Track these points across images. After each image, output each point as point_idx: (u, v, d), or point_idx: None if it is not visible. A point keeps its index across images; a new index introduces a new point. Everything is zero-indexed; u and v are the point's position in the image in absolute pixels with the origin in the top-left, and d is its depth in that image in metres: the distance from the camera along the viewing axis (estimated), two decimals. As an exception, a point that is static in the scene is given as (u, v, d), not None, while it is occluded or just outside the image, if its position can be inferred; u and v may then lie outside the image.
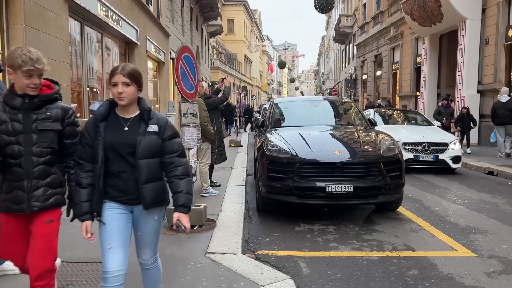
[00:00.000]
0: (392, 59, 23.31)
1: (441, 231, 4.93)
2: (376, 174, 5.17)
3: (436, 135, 9.37)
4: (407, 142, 8.96)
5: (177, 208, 2.39)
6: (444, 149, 8.87)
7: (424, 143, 8.88)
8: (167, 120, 2.44)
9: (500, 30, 13.08)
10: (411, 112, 12.43)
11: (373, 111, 11.51)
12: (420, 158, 8.84)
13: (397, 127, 10.15)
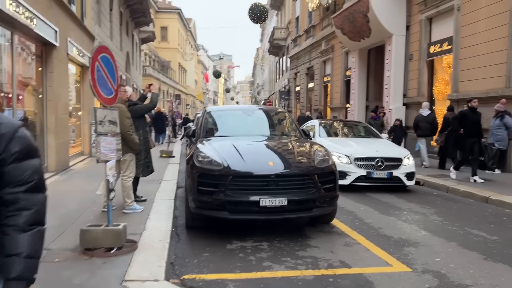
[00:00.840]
0: (323, 71, 23.95)
1: (376, 245, 4.82)
2: (310, 187, 4.97)
3: (389, 150, 8.64)
4: (359, 157, 8.08)
5: (9, 283, 1.44)
6: (398, 165, 8.10)
7: (377, 158, 8.02)
8: (16, 127, 1.49)
9: (422, 47, 13.82)
10: (357, 124, 11.59)
11: (318, 122, 10.58)
12: (373, 175, 7.98)
13: (345, 140, 9.45)
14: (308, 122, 11.47)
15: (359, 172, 7.99)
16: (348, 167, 8.02)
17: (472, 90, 11.25)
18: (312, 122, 11.05)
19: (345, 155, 8.13)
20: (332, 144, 8.41)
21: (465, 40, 11.60)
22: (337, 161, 7.50)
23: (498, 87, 10.27)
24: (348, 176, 7.98)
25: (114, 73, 4.32)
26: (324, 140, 8.94)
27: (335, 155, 7.56)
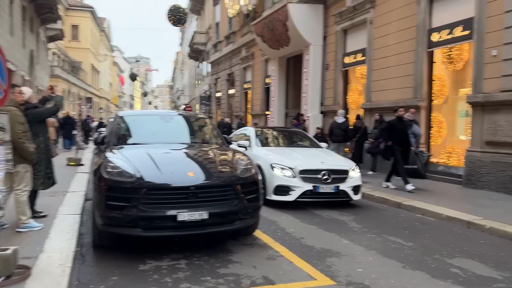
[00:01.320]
0: (244, 78, 24.01)
1: (299, 256, 4.67)
2: (233, 198, 4.69)
3: (335, 161, 7.89)
4: (305, 169, 7.22)
5: None
6: (345, 178, 7.36)
7: (324, 171, 7.20)
8: None
9: (338, 57, 14.34)
10: (295, 132, 10.45)
11: (253, 130, 9.32)
12: (320, 190, 7.12)
13: (286, 150, 8.42)
14: (241, 130, 10.48)
15: (304, 186, 7.11)
16: (292, 181, 7.16)
17: (383, 100, 11.86)
18: (246, 130, 9.86)
19: (288, 168, 7.26)
20: (272, 155, 7.85)
21: (377, 52, 12.21)
22: (279, 174, 7.21)
23: (406, 97, 10.91)
24: (292, 192, 7.13)
25: (3, 71, 3.67)
26: (262, 150, 8.29)
27: (277, 168, 7.28)
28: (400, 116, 8.89)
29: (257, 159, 7.54)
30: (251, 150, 8.24)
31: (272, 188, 7.23)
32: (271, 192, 7.23)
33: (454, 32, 9.68)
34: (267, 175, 7.31)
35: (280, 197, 7.18)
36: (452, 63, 10.50)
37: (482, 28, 8.81)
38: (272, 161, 7.45)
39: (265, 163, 7.48)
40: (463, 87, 10.26)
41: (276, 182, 7.21)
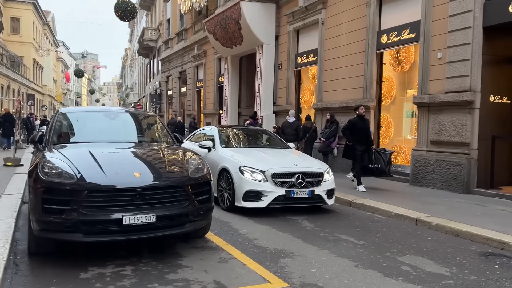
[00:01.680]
0: (196, 76, 23.62)
1: (252, 259, 4.54)
2: (183, 199, 4.47)
3: (308, 163, 7.36)
4: (278, 172, 6.63)
5: None
6: (319, 181, 6.85)
7: (298, 174, 6.66)
8: None
9: (291, 57, 14.41)
10: (261, 132, 9.66)
11: (217, 130, 8.43)
12: (294, 195, 6.57)
13: (252, 151, 7.81)
14: (202, 129, 9.62)
15: (277, 191, 6.54)
16: (263, 185, 6.57)
17: (334, 100, 12.03)
18: (208, 130, 8.99)
19: (259, 171, 6.64)
20: (241, 156, 7.21)
21: (328, 52, 12.37)
22: (249, 178, 6.62)
23: (357, 97, 11.12)
24: (264, 197, 6.54)
25: None
26: (228, 151, 7.59)
27: (246, 171, 6.68)
28: (361, 115, 8.71)
29: (224, 161, 7.18)
30: (215, 152, 7.68)
31: (241, 193, 6.62)
32: (240, 198, 6.65)
33: (402, 34, 9.98)
34: (236, 179, 6.72)
35: (251, 203, 6.59)
36: (400, 64, 10.83)
37: (428, 31, 9.13)
38: (241, 163, 6.84)
39: (233, 166, 6.89)
40: (410, 88, 10.61)
41: (246, 187, 6.59)
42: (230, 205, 6.86)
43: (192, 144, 8.36)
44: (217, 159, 7.38)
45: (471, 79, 8.20)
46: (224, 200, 7.04)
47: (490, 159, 8.37)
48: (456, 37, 8.46)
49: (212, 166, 6.41)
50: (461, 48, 8.36)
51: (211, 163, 6.68)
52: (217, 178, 7.08)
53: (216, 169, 7.10)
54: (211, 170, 6.23)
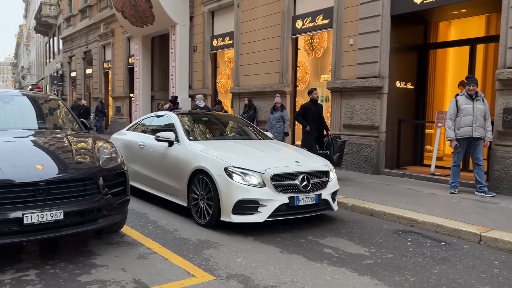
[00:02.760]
0: (103, 57, 22.11)
1: (174, 252, 4.28)
2: (95, 193, 4.04)
3: (309, 159, 5.75)
4: (279, 174, 4.98)
5: None
6: (325, 182, 5.39)
7: (302, 174, 5.09)
8: None
9: (206, 39, 14.03)
10: (232, 118, 7.96)
11: (177, 117, 6.43)
12: (299, 202, 4.99)
13: (232, 145, 6.05)
14: (152, 117, 7.33)
15: (278, 199, 4.90)
16: (261, 192, 4.87)
17: (251, 85, 11.98)
18: (164, 118, 6.84)
19: (254, 172, 4.94)
20: (221, 153, 5.36)
21: (244, 36, 12.23)
22: (241, 182, 4.87)
23: (273, 82, 11.18)
24: (262, 208, 4.87)
25: None
26: (200, 145, 5.71)
27: (236, 173, 4.91)
28: (315, 99, 8.27)
29: (198, 159, 5.33)
30: (182, 147, 5.79)
31: (230, 204, 4.85)
32: (228, 210, 4.88)
33: (317, 20, 10.17)
34: (222, 184, 4.91)
35: (244, 217, 4.89)
36: (313, 50, 11.07)
37: (341, 18, 9.40)
38: (227, 163, 5.03)
39: (215, 167, 5.06)
40: (323, 74, 10.91)
41: (238, 196, 4.83)
42: (212, 219, 5.06)
43: (137, 136, 7.03)
44: (186, 157, 5.57)
45: (380, 66, 8.63)
46: (201, 212, 5.24)
47: (396, 141, 8.95)
48: (366, 24, 8.81)
49: (178, 166, 5.67)
50: (371, 35, 8.74)
51: (177, 162, 5.72)
52: (187, 182, 5.44)
53: (186, 170, 5.46)
54: (178, 170, 5.49)
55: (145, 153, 6.56)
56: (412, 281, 3.71)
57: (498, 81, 6.76)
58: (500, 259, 4.35)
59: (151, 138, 6.43)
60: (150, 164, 6.38)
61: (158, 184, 6.18)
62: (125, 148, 6.95)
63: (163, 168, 6.03)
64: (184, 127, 6.22)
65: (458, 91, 9.10)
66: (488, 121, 6.65)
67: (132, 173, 6.12)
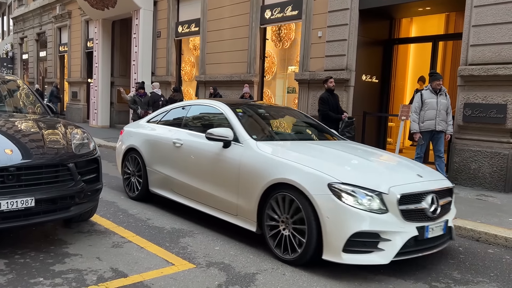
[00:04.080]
0: (59, 40, 21.09)
1: (149, 240, 4.20)
2: (67, 179, 3.88)
3: (426, 171, 4.28)
4: (407, 194, 3.59)
5: None
6: (450, 203, 4.08)
7: (430, 194, 3.74)
8: None
9: (171, 25, 13.71)
10: (289, 111, 6.11)
11: (228, 107, 4.86)
12: (428, 234, 3.66)
13: (315, 147, 4.56)
14: (187, 105, 5.66)
15: (407, 230, 3.52)
16: (383, 220, 3.46)
17: (218, 73, 11.86)
18: (207, 107, 5.25)
19: (373, 192, 3.51)
20: (317, 162, 3.86)
21: (211, 23, 12.06)
22: (355, 207, 3.41)
23: (241, 72, 11.13)
24: (385, 244, 3.46)
25: None
26: (273, 148, 4.23)
27: (347, 193, 3.47)
28: (331, 89, 7.79)
29: (279, 169, 3.85)
30: (246, 149, 4.23)
31: (341, 238, 3.42)
32: (338, 246, 3.43)
33: (285, 11, 10.20)
34: (324, 208, 3.47)
35: (360, 256, 3.45)
36: (281, 41, 11.10)
37: (310, 10, 9.48)
38: (330, 176, 3.56)
39: (311, 181, 3.60)
40: (290, 65, 10.99)
41: (354, 226, 3.39)
42: (305, 255, 3.59)
43: (167, 130, 5.38)
44: (257, 164, 4.04)
45: (348, 59, 8.80)
46: (285, 244, 3.76)
47: (361, 133, 9.18)
48: (335, 17, 8.94)
49: (243, 176, 4.08)
50: (340, 28, 8.88)
51: (240, 170, 4.12)
52: (258, 200, 3.93)
53: (257, 182, 3.95)
54: (242, 181, 4.10)
55: (183, 155, 4.93)
56: None
57: (460, 77, 7.08)
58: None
59: (192, 135, 4.96)
60: (192, 170, 4.82)
61: (205, 196, 4.63)
62: (149, 146, 5.54)
63: (215, 177, 4.47)
64: (243, 121, 4.64)
65: (418, 86, 9.49)
66: (450, 115, 6.95)
67: (161, 180, 5.35)
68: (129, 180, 5.95)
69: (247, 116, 5.07)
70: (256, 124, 5.15)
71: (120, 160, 6.12)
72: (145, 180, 5.59)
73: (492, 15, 6.67)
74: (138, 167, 5.76)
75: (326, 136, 5.36)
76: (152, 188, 5.55)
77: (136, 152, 5.75)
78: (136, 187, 5.80)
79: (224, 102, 5.11)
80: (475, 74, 6.80)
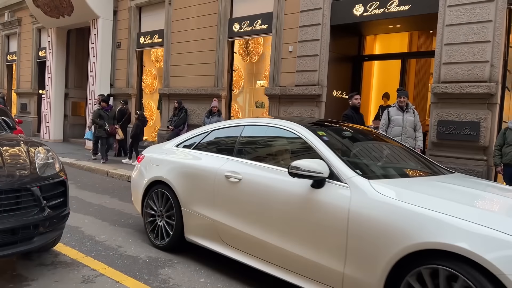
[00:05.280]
0: (7, 48, 19.79)
1: (124, 273, 3.74)
2: (31, 206, 3.37)
3: None
4: None
5: None
6: None
7: None
8: None
9: (132, 36, 13.15)
10: (366, 131, 4.65)
11: (309, 131, 3.62)
12: None
13: (450, 189, 3.25)
14: (258, 128, 4.19)
15: None
16: None
17: (183, 86, 11.44)
18: (279, 130, 3.87)
19: None
20: (490, 215, 2.68)
21: (176, 35, 11.66)
22: None
23: (208, 85, 10.77)
24: None
25: None
26: (397, 191, 2.92)
27: None
28: (356, 106, 7.16)
29: (428, 227, 2.54)
30: (353, 192, 2.98)
31: None
32: None
33: (255, 25, 10.00)
34: None
35: None
36: (249, 55, 10.89)
37: (281, 24, 9.33)
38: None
39: (495, 252, 2.28)
40: (258, 79, 10.78)
41: None
42: None
43: (214, 159, 4.10)
44: (377, 215, 2.80)
45: (319, 74, 8.69)
46: None
47: (332, 149, 9.06)
48: (306, 32, 8.84)
49: (355, 232, 2.85)
50: (311, 44, 8.78)
51: (347, 224, 2.90)
52: (385, 274, 2.69)
53: (384, 245, 2.70)
54: (352, 240, 2.85)
55: (243, 194, 3.64)
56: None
57: (433, 95, 7.13)
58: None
59: (255, 167, 3.69)
60: (259, 216, 3.50)
61: (282, 257, 3.30)
62: (186, 179, 4.19)
63: (302, 230, 3.18)
64: (334, 149, 3.40)
65: (382, 102, 9.56)
66: (419, 132, 6.95)
67: (205, 226, 3.98)
68: (154, 223, 4.52)
69: (335, 142, 3.77)
70: (350, 153, 3.75)
71: (140, 196, 4.68)
72: (179, 224, 4.20)
73: (463, 34, 6.79)
74: (168, 207, 4.36)
75: (433, 168, 3.94)
76: (190, 235, 4.15)
77: (166, 186, 4.35)
78: (165, 232, 4.37)
79: (296, 122, 3.82)
80: (448, 92, 6.87)
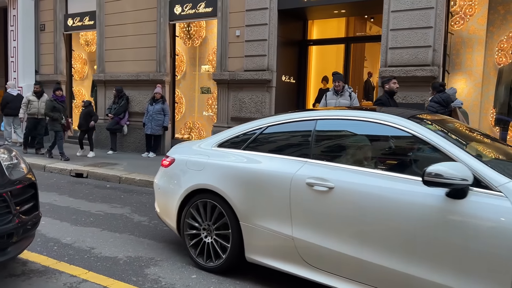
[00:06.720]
0: None
1: (109, 276, 3.50)
2: (3, 213, 3.02)
3: None
4: None
5: None
6: None
7: None
8: None
9: (58, 17, 12.12)
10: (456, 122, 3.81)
11: (423, 126, 2.92)
12: None
13: None
14: (344, 123, 3.35)
15: None
16: None
17: (121, 72, 10.83)
18: (372, 125, 3.12)
19: None
20: None
21: (110, 17, 10.94)
22: None
23: (149, 70, 10.30)
24: None
25: None
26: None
27: None
28: (393, 91, 6.47)
29: None
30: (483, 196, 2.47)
31: None
32: None
33: (198, 7, 9.69)
34: None
35: None
36: (191, 39, 10.57)
37: (226, 8, 9.14)
38: None
39: None
40: (203, 64, 10.52)
41: None
42: None
43: (285, 163, 3.31)
44: None
45: (269, 59, 8.70)
46: None
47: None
48: (254, 16, 8.76)
49: None
50: (259, 28, 8.73)
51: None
52: None
53: None
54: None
55: (341, 206, 2.96)
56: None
57: (380, 78, 7.48)
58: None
59: (355, 173, 2.98)
60: (367, 235, 2.86)
61: (406, 285, 2.70)
62: (246, 187, 3.43)
63: (439, 252, 2.57)
64: (462, 147, 2.82)
65: (322, 85, 9.89)
66: None
67: (277, 244, 3.28)
68: (199, 239, 3.74)
69: (456, 139, 3.02)
70: (476, 152, 2.98)
71: (176, 208, 3.84)
72: (237, 241, 3.46)
73: (408, 20, 7.17)
74: (218, 220, 3.60)
75: None
76: (253, 255, 3.42)
77: (215, 196, 3.58)
78: (217, 251, 3.60)
79: (395, 114, 3.12)
80: (395, 76, 7.24)
